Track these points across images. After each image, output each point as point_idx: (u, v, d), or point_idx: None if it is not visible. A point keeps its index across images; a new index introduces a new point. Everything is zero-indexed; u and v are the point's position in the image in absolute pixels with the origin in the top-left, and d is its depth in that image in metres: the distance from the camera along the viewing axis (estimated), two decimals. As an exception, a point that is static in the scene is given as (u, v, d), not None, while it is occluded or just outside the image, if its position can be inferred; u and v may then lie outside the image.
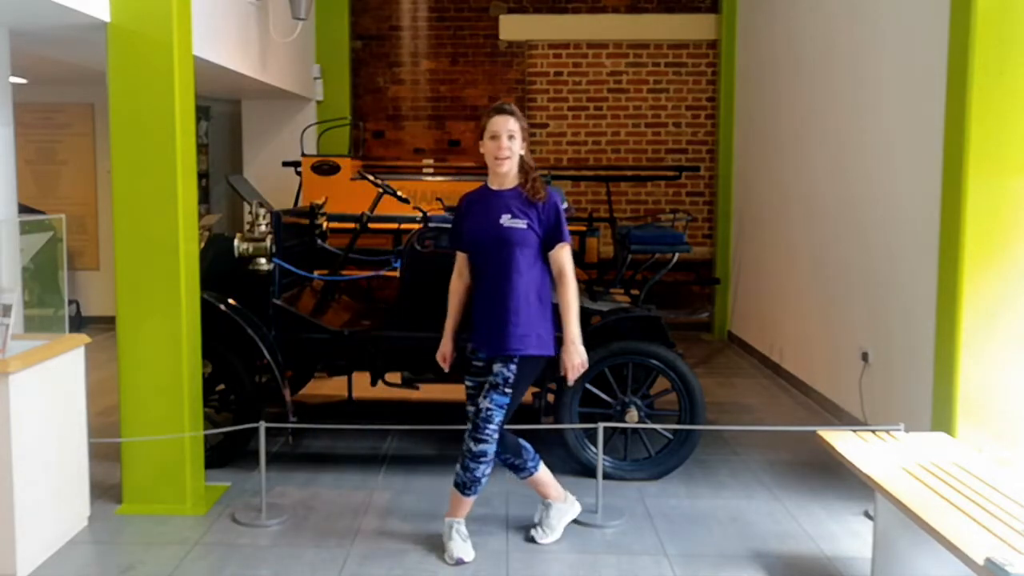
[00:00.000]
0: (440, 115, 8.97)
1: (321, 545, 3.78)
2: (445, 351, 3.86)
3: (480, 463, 3.59)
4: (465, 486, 3.63)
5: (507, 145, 3.56)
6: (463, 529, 3.70)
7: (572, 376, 3.64)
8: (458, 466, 3.64)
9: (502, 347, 3.55)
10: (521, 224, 3.55)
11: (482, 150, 3.64)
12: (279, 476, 4.54)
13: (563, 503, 3.89)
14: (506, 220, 3.55)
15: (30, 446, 3.48)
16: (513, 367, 3.55)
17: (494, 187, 3.68)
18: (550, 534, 3.81)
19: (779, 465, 4.81)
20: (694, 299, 8.76)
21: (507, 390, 3.56)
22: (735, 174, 8.39)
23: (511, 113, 3.59)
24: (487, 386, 3.60)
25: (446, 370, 3.86)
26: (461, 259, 3.79)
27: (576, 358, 3.60)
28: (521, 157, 3.62)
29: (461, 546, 3.64)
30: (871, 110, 5.24)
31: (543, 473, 3.84)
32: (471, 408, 3.70)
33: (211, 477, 4.42)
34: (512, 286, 3.54)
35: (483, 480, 3.63)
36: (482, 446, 3.57)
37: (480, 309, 3.66)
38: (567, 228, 3.63)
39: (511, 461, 3.77)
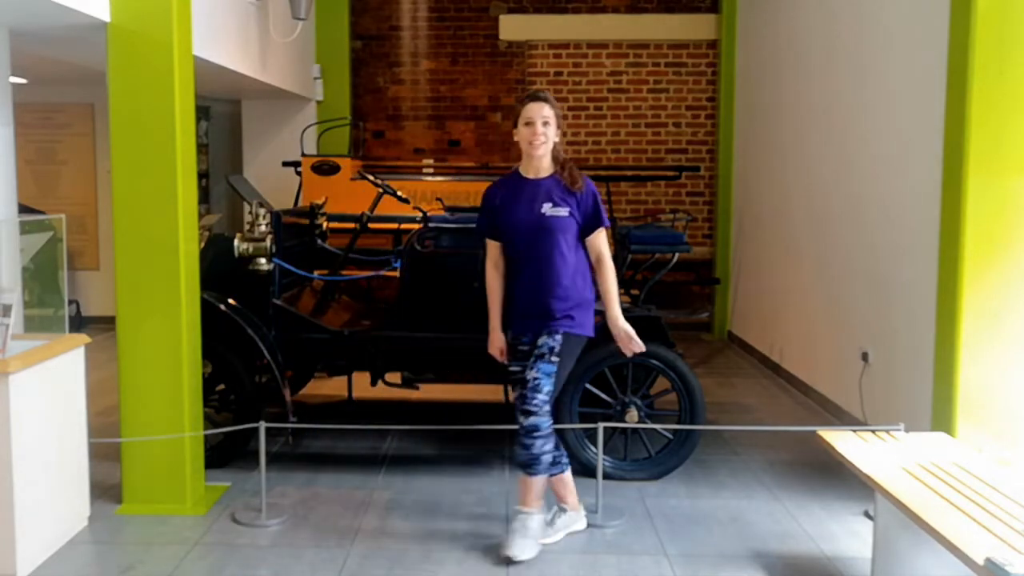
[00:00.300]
0: (440, 115, 8.97)
1: (321, 545, 3.78)
2: (500, 344, 3.82)
3: (535, 438, 3.58)
4: (526, 465, 3.65)
5: (542, 131, 3.61)
6: (532, 522, 3.66)
7: (628, 348, 3.71)
8: (516, 447, 3.68)
9: (548, 324, 3.60)
10: (563, 212, 3.61)
11: (516, 137, 3.71)
12: (279, 476, 4.54)
13: (575, 512, 3.91)
14: (548, 209, 3.61)
15: (30, 446, 3.48)
16: (559, 337, 3.61)
17: (529, 175, 3.71)
18: (551, 535, 3.81)
19: (779, 465, 4.81)
20: (694, 299, 8.76)
21: (553, 358, 3.60)
22: (735, 174, 8.39)
23: (545, 100, 3.64)
24: (532, 358, 3.63)
25: (504, 362, 3.83)
26: (495, 249, 3.79)
27: (622, 332, 3.68)
28: (555, 144, 3.67)
29: (520, 543, 3.60)
30: (871, 110, 5.24)
31: (570, 477, 3.88)
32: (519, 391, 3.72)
33: (211, 477, 4.42)
34: (557, 271, 3.60)
35: (543, 457, 3.60)
36: (532, 419, 3.57)
37: (523, 296, 3.68)
38: (605, 213, 3.72)
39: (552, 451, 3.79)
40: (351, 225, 5.36)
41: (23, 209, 4.99)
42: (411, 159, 8.79)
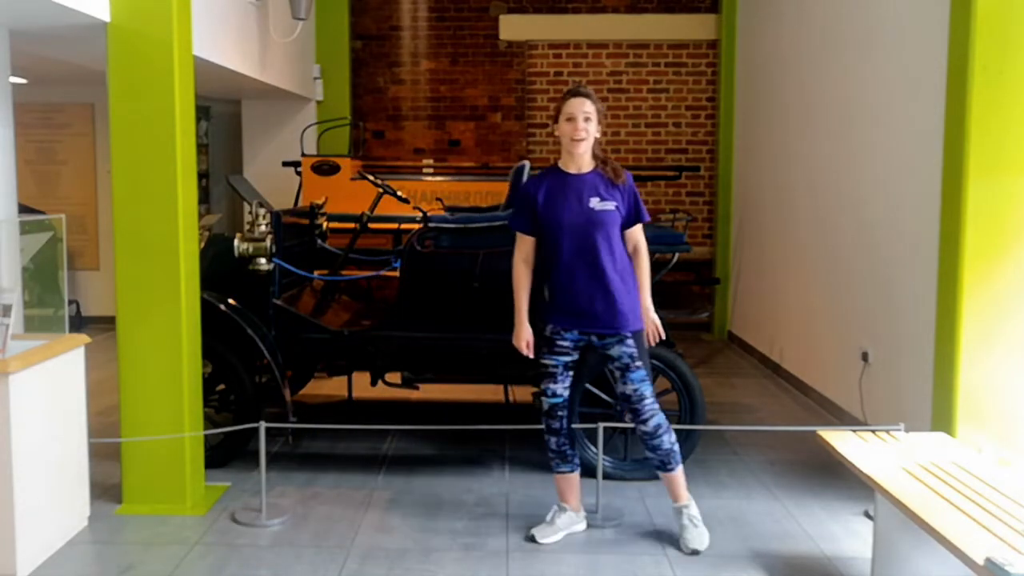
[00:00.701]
0: (440, 115, 8.97)
1: (321, 545, 3.78)
2: (528, 337, 3.82)
3: (661, 435, 3.72)
4: (664, 464, 3.77)
5: (583, 127, 3.64)
6: (694, 510, 3.81)
7: (655, 340, 3.81)
8: (647, 452, 3.80)
9: (616, 326, 3.66)
10: (611, 206, 3.66)
11: (557, 133, 3.74)
12: (279, 476, 4.54)
13: (576, 514, 3.92)
14: (596, 203, 3.65)
15: (30, 446, 3.48)
16: (631, 342, 3.69)
17: (571, 170, 3.73)
18: (552, 535, 3.82)
19: (779, 465, 4.80)
20: (694, 299, 8.74)
21: (637, 364, 3.69)
22: (735, 174, 8.39)
23: (587, 95, 3.67)
24: (618, 371, 3.71)
25: (532, 356, 3.84)
26: (528, 244, 3.80)
27: (652, 323, 3.79)
28: (596, 140, 3.71)
29: (696, 534, 3.75)
30: (871, 110, 5.24)
31: (577, 478, 3.91)
32: (551, 387, 3.77)
33: (211, 477, 4.42)
34: (610, 267, 3.66)
35: (675, 448, 3.76)
36: (652, 421, 3.71)
37: (570, 290, 3.68)
38: (644, 207, 3.81)
39: (565, 448, 3.83)
40: (351, 225, 5.36)
41: (23, 209, 4.99)
42: (411, 159, 8.79)
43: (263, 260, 4.67)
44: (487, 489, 4.44)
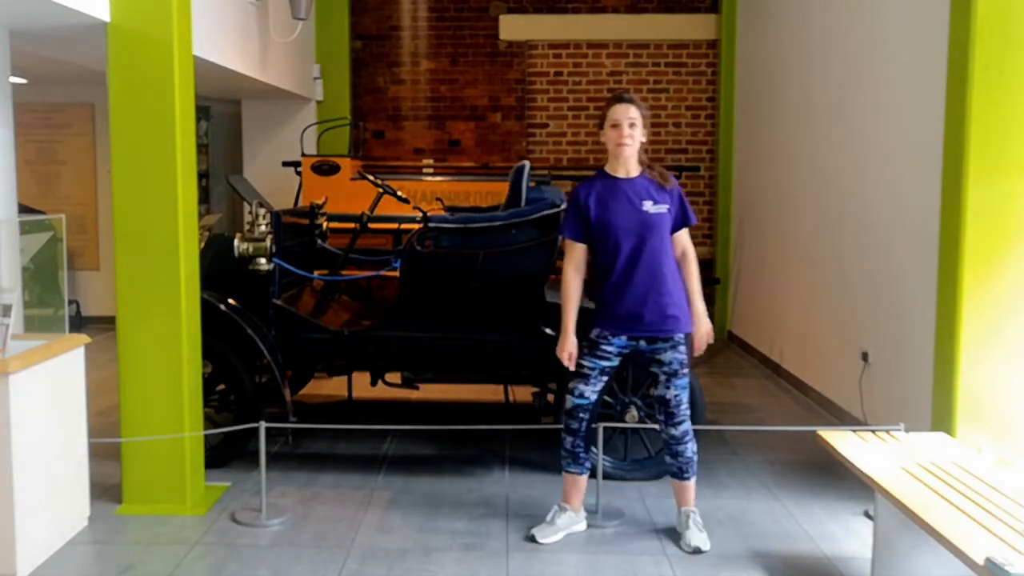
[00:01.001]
0: (440, 115, 8.97)
1: (321, 545, 3.78)
2: (572, 349, 3.78)
3: (686, 442, 3.78)
4: (682, 471, 3.81)
5: (628, 132, 3.65)
6: (697, 517, 3.83)
7: (702, 346, 3.80)
8: (667, 457, 3.84)
9: (669, 330, 3.68)
10: (663, 209, 3.69)
11: (602, 139, 3.75)
12: (279, 476, 4.54)
13: (576, 514, 3.92)
14: (650, 206, 3.67)
15: (30, 446, 3.48)
16: (682, 348, 3.73)
17: (619, 175, 3.73)
18: (552, 535, 3.82)
19: (779, 465, 4.80)
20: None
21: (684, 371, 3.74)
22: (735, 174, 8.39)
23: (631, 101, 3.68)
24: (664, 375, 3.72)
25: (572, 368, 3.80)
26: (580, 251, 3.78)
27: (706, 330, 3.78)
28: (641, 145, 3.72)
29: (699, 534, 3.77)
30: (871, 110, 5.24)
31: (585, 481, 3.91)
32: (581, 387, 3.76)
33: (211, 477, 4.42)
34: (664, 270, 3.68)
35: (695, 458, 3.81)
36: (683, 426, 3.77)
37: (624, 295, 3.67)
38: (692, 209, 3.84)
39: (579, 449, 3.83)
40: (351, 225, 5.36)
41: (23, 209, 5.00)
42: (411, 159, 8.79)
43: (263, 260, 4.67)
44: (487, 489, 4.44)
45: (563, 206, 4.49)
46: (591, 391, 3.77)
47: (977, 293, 3.86)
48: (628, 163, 3.71)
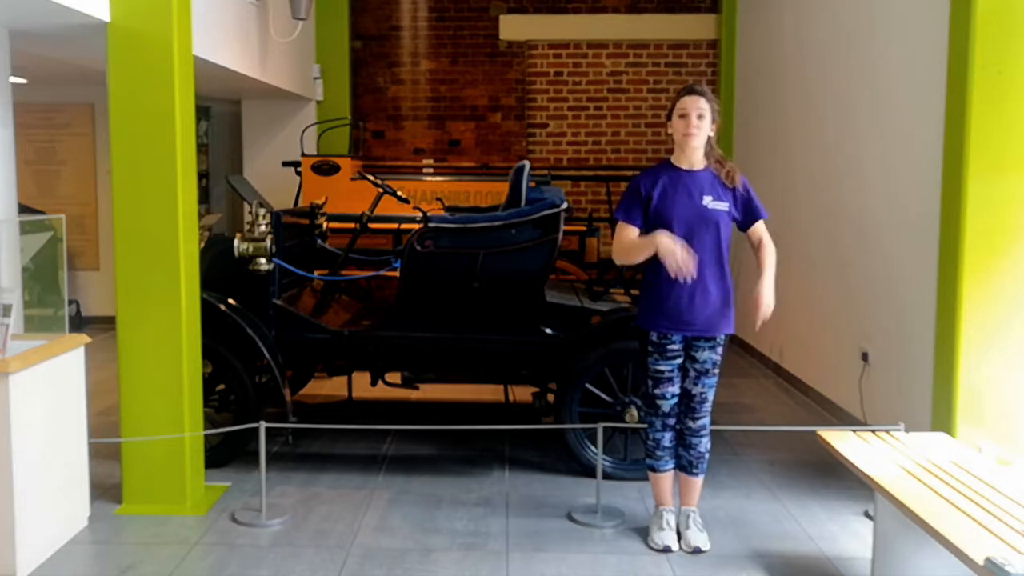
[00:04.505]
0: (440, 115, 8.97)
1: (321, 545, 3.78)
2: (666, 239, 3.54)
3: (703, 436, 3.77)
4: (692, 466, 3.79)
5: (695, 123, 3.59)
6: (698, 517, 3.83)
7: (761, 318, 3.70)
8: (680, 449, 3.81)
9: (711, 330, 3.66)
10: (724, 206, 3.65)
11: (670, 130, 3.70)
12: (279, 476, 4.54)
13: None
14: (709, 201, 3.63)
15: (30, 446, 3.48)
16: (720, 349, 3.72)
17: (683, 166, 3.69)
18: (673, 539, 3.80)
19: (779, 465, 4.80)
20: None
21: (716, 371, 3.73)
22: (735, 174, 8.37)
23: (701, 93, 3.64)
24: (696, 372, 3.71)
25: (687, 254, 3.54)
26: (630, 233, 3.68)
27: (768, 307, 3.71)
28: (709, 138, 3.66)
29: (700, 535, 3.76)
30: (871, 110, 5.24)
31: (669, 478, 3.88)
32: (669, 389, 3.74)
33: (211, 477, 4.42)
34: (717, 267, 3.66)
35: (707, 455, 3.81)
36: (702, 421, 3.76)
37: (676, 289, 3.61)
38: (762, 205, 3.77)
39: (674, 444, 3.83)
40: (351, 225, 5.36)
41: (23, 209, 5.00)
42: (411, 159, 8.79)
43: (263, 260, 4.67)
44: (487, 489, 4.44)
45: (563, 206, 4.50)
46: (676, 389, 3.75)
47: (977, 293, 3.86)
48: (693, 155, 3.65)
